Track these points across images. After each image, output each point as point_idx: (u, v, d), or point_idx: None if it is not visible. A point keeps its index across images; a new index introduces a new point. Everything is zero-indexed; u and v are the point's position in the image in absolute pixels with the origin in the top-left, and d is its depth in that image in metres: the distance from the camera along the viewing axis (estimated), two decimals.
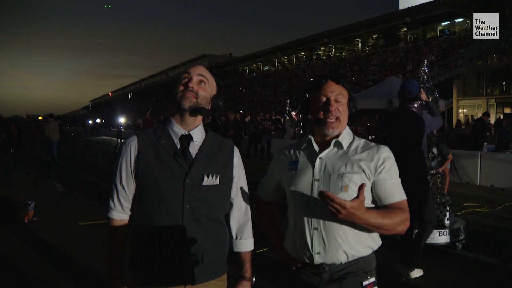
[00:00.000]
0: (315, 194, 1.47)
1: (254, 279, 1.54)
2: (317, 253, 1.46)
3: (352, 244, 1.45)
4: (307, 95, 1.59)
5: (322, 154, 1.51)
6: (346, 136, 1.53)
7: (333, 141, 1.51)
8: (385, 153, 1.49)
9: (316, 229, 1.46)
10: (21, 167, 11.82)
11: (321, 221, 1.45)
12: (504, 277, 3.73)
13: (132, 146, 1.49)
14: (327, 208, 1.42)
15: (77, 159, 15.00)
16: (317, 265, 1.48)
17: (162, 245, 1.41)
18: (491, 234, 5.02)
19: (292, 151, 1.63)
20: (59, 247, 4.57)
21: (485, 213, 6.08)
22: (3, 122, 22.07)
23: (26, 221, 5.54)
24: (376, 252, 1.56)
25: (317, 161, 1.51)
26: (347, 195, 1.42)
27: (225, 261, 1.55)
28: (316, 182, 1.48)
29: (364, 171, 1.45)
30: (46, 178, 9.54)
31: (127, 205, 1.51)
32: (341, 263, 1.46)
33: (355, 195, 1.40)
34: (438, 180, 4.42)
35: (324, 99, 1.50)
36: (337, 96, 1.50)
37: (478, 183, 8.62)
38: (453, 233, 4.22)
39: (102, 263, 4.10)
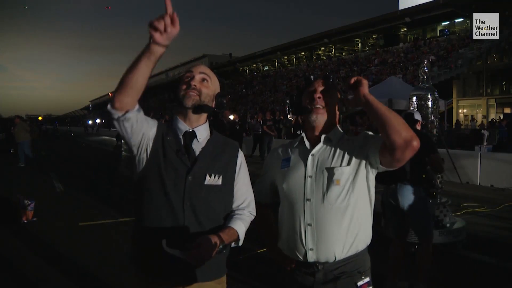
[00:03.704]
0: (308, 191, 1.49)
1: (222, 248, 1.39)
2: (310, 249, 1.48)
3: (345, 239, 1.46)
4: (298, 96, 1.64)
5: (314, 151, 1.54)
6: (336, 133, 1.57)
7: (323, 136, 1.54)
8: (364, 133, 1.54)
9: (309, 225, 1.48)
10: (21, 167, 11.81)
11: (315, 217, 1.47)
12: (504, 277, 3.73)
13: (154, 128, 1.47)
14: (320, 204, 1.46)
15: (77, 159, 15.00)
16: (310, 263, 1.49)
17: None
18: (491, 234, 5.02)
19: (284, 149, 1.67)
20: (59, 247, 4.57)
21: (485, 213, 6.07)
22: (3, 122, 22.01)
23: (25, 221, 5.54)
24: (371, 253, 1.56)
25: (309, 157, 1.53)
26: (339, 188, 1.46)
27: (224, 263, 1.54)
28: (309, 179, 1.51)
29: (353, 160, 1.48)
30: (46, 178, 9.55)
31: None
32: (335, 259, 1.46)
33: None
34: (438, 180, 4.42)
35: (311, 91, 1.57)
36: (324, 89, 1.56)
37: (478, 183, 8.61)
38: (453, 233, 4.22)
39: (102, 263, 4.10)
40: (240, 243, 1.50)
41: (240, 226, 1.49)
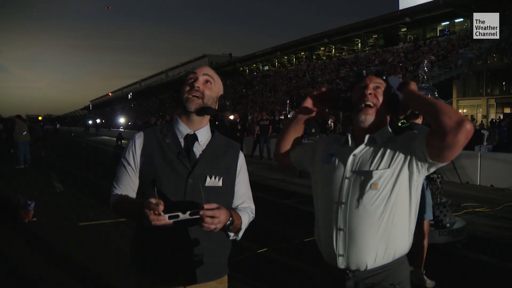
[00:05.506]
0: (344, 193, 1.40)
1: (230, 223, 1.37)
2: (340, 255, 1.40)
3: (378, 247, 1.36)
4: (349, 93, 1.54)
5: (356, 151, 1.44)
6: (383, 134, 1.46)
7: (367, 136, 1.43)
8: (409, 131, 1.45)
9: (341, 229, 1.39)
10: (21, 167, 11.81)
11: (347, 222, 1.38)
12: (504, 277, 3.73)
13: (138, 142, 1.50)
14: (354, 209, 1.37)
15: (77, 159, 15.00)
16: (341, 270, 1.42)
17: (163, 244, 1.41)
18: (491, 234, 5.02)
19: (334, 142, 1.57)
20: (59, 247, 4.57)
21: (485, 213, 6.07)
22: (3, 122, 22.04)
23: (26, 221, 5.54)
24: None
25: (350, 157, 1.44)
26: (376, 193, 1.36)
27: (225, 263, 1.54)
28: (346, 180, 1.41)
29: (394, 162, 1.38)
30: (46, 178, 9.55)
31: (132, 194, 1.50)
32: (366, 268, 1.38)
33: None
34: (438, 181, 4.42)
35: (362, 87, 1.47)
36: (377, 84, 1.46)
37: (478, 183, 8.62)
38: (453, 233, 4.22)
39: (102, 263, 4.10)
40: (240, 234, 1.47)
41: (244, 215, 1.48)
